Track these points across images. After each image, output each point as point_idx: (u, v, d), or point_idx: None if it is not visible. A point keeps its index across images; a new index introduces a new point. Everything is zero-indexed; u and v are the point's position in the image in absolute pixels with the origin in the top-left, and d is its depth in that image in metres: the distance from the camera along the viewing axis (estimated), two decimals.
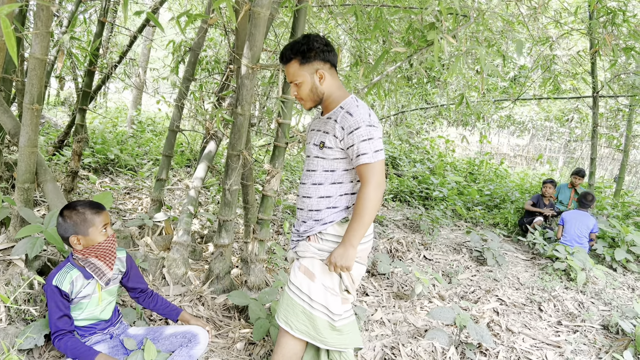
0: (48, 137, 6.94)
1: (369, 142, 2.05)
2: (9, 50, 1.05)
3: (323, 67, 2.17)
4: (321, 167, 2.22)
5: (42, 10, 2.51)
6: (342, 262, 2.08)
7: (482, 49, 3.39)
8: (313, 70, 2.16)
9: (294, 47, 2.16)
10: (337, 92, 2.22)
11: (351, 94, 2.22)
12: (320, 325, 2.20)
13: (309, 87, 2.19)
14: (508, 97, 10.14)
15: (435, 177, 9.41)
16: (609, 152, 17.18)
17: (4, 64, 2.88)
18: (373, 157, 2.05)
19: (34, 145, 2.88)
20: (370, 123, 2.07)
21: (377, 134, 2.08)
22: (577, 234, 5.61)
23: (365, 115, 2.08)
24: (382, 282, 4.41)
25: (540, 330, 3.81)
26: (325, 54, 2.16)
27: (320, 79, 2.17)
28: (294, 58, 2.16)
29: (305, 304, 2.20)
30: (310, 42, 2.13)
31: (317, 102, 2.24)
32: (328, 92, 2.21)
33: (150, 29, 10.39)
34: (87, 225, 2.18)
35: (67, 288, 2.17)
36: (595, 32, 6.33)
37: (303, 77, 2.17)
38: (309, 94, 2.21)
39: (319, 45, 2.14)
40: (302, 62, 2.15)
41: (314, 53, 2.14)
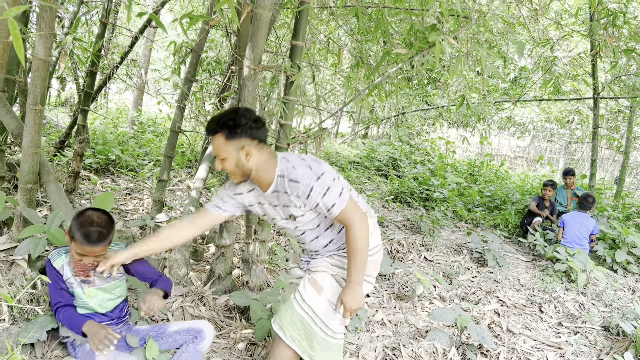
0: (49, 138, 6.96)
1: (329, 193, 2.01)
2: (16, 52, 1.06)
3: (250, 144, 2.05)
4: (309, 227, 2.22)
5: (45, 12, 2.52)
6: (354, 305, 2.09)
7: (482, 51, 3.40)
8: (239, 147, 2.04)
9: (221, 120, 2.05)
10: (267, 164, 2.10)
11: (279, 156, 2.13)
12: (316, 341, 2.19)
13: (234, 162, 2.07)
14: (509, 99, 10.15)
15: (436, 178, 9.42)
16: (610, 154, 17.18)
17: (7, 65, 2.89)
18: (340, 203, 2.03)
19: (37, 145, 2.89)
20: (317, 174, 2.01)
21: (329, 178, 2.02)
22: (578, 235, 5.61)
23: (307, 171, 2.02)
24: (382, 283, 4.42)
25: (541, 332, 3.82)
26: (253, 130, 2.04)
27: (246, 155, 2.05)
28: (220, 132, 2.05)
29: (306, 315, 2.18)
30: (237, 118, 2.02)
31: (245, 176, 2.13)
32: (256, 168, 2.09)
33: (151, 30, 10.41)
34: (72, 237, 2.19)
35: (58, 265, 2.26)
36: (596, 34, 6.34)
37: (228, 152, 2.05)
38: (235, 169, 2.09)
39: (247, 122, 2.03)
40: (227, 137, 2.03)
41: (240, 129, 2.02)
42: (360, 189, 9.38)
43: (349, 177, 9.75)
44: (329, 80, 11.67)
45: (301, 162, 2.06)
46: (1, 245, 2.92)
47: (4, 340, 2.21)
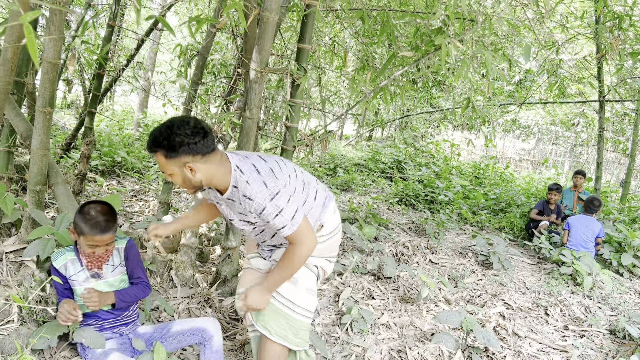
0: (55, 140, 7.00)
1: (281, 216, 1.96)
2: (31, 56, 1.08)
3: (192, 160, 1.92)
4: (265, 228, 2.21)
5: (55, 15, 2.54)
6: (255, 305, 2.15)
7: (488, 53, 3.41)
8: (181, 164, 1.93)
9: (156, 140, 1.92)
10: (219, 171, 2.01)
11: (232, 164, 2.01)
12: (300, 328, 2.22)
13: (180, 179, 1.99)
14: (514, 101, 10.14)
15: (441, 180, 9.41)
16: (615, 157, 17.13)
17: (17, 68, 2.91)
18: (291, 226, 1.98)
19: (45, 147, 2.91)
20: (272, 194, 1.94)
21: (283, 200, 1.96)
22: (583, 238, 5.60)
23: (262, 189, 1.94)
24: (388, 285, 4.42)
25: (547, 335, 3.81)
26: (192, 146, 1.89)
27: (190, 171, 1.94)
28: (158, 151, 1.93)
29: (287, 309, 2.20)
30: (171, 137, 1.88)
31: (197, 188, 2.06)
32: (206, 179, 2.00)
33: (157, 32, 10.47)
34: (80, 232, 2.24)
35: (59, 266, 2.28)
36: (601, 37, 6.33)
37: (172, 170, 1.96)
38: (183, 184, 2.01)
39: (182, 139, 1.88)
40: (167, 157, 1.92)
41: (177, 147, 1.89)
42: (364, 192, 9.39)
43: (354, 180, 9.75)
44: (334, 82, 11.69)
45: (256, 176, 1.96)
46: (10, 247, 2.94)
47: (14, 340, 2.22)
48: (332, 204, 2.34)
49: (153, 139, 1.93)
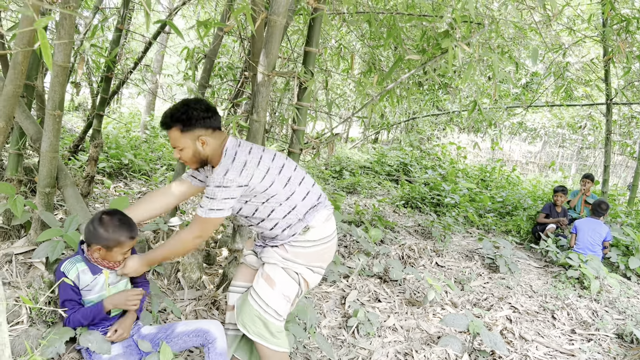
0: (63, 142, 7.04)
1: (210, 201, 2.12)
2: (44, 59, 1.10)
3: (205, 133, 2.18)
4: (246, 213, 2.32)
5: (65, 20, 2.57)
6: (129, 272, 2.33)
7: (494, 56, 3.41)
8: (195, 137, 2.17)
9: (174, 115, 2.16)
10: (217, 151, 2.24)
11: (224, 147, 2.24)
12: (274, 329, 2.31)
13: (191, 152, 2.21)
14: (520, 104, 10.12)
15: (447, 183, 9.39)
16: (623, 160, 17.04)
17: (27, 71, 2.95)
18: (205, 213, 2.14)
19: (55, 150, 2.94)
20: (220, 184, 2.10)
21: (220, 194, 2.11)
22: (590, 242, 5.58)
23: (220, 175, 2.10)
24: (394, 288, 4.42)
25: (554, 339, 3.80)
26: (206, 120, 2.17)
27: (202, 144, 2.19)
28: (174, 126, 2.17)
29: (260, 309, 2.28)
30: (189, 111, 2.14)
31: (201, 163, 2.29)
32: (211, 154, 2.24)
33: (164, 35, 10.52)
34: (116, 244, 2.23)
35: (72, 276, 2.25)
36: (608, 40, 6.31)
37: (185, 143, 2.18)
38: (192, 158, 2.23)
39: (199, 113, 2.15)
40: (183, 130, 2.16)
41: (194, 121, 2.14)
42: (370, 194, 9.39)
43: (360, 182, 9.76)
44: (339, 85, 11.71)
45: (228, 163, 2.14)
46: (19, 248, 2.97)
47: (23, 342, 2.24)
48: (326, 212, 2.39)
49: (170, 114, 2.16)
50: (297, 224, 2.31)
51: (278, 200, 2.25)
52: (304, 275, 2.36)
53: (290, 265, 2.32)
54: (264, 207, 2.27)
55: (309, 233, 2.31)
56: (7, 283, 2.66)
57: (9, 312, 2.40)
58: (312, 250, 2.34)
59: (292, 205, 2.28)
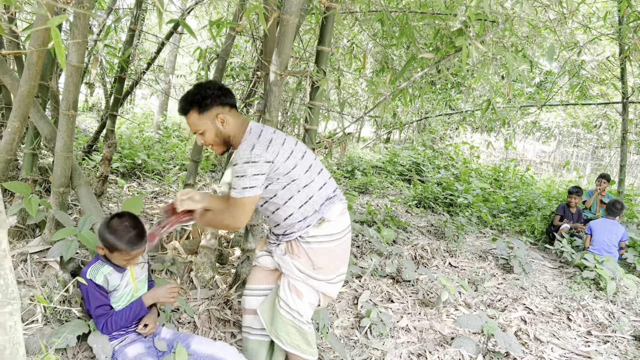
0: (77, 143, 7.11)
1: (240, 179, 2.10)
2: (58, 59, 1.10)
3: (222, 111, 2.19)
4: (263, 200, 2.31)
5: (79, 20, 2.58)
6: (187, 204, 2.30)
7: (509, 55, 3.37)
8: (213, 117, 2.18)
9: (188, 98, 2.18)
10: (242, 129, 2.24)
11: (248, 126, 2.24)
12: (311, 338, 2.34)
13: (213, 133, 2.21)
14: (534, 103, 10.02)
15: (460, 183, 9.33)
16: (639, 159, 16.80)
17: (41, 72, 2.97)
18: (239, 192, 2.12)
19: (69, 150, 2.96)
20: (248, 159, 2.09)
21: (251, 170, 2.09)
22: (607, 242, 5.50)
23: (247, 150, 2.10)
24: (407, 289, 4.39)
25: (570, 340, 3.75)
26: (222, 98, 2.18)
27: (222, 123, 2.19)
28: (191, 109, 2.18)
29: (295, 320, 2.29)
30: (203, 91, 2.15)
31: (226, 145, 2.28)
32: (233, 133, 2.23)
33: (177, 35, 10.57)
34: (115, 249, 2.24)
35: (100, 281, 2.25)
36: (625, 37, 6.22)
37: (205, 125, 2.20)
38: (215, 139, 2.24)
39: (213, 92, 2.16)
40: (200, 112, 2.17)
41: (210, 100, 2.15)
42: (382, 194, 9.35)
43: (372, 182, 9.72)
44: (352, 84, 11.68)
45: (254, 139, 2.14)
46: (34, 248, 2.99)
47: (38, 340, 2.26)
48: (341, 205, 2.38)
49: (185, 99, 2.18)
50: (313, 215, 2.29)
51: (298, 186, 2.23)
52: (323, 290, 2.36)
53: (312, 283, 2.31)
54: (283, 193, 2.25)
55: (323, 226, 2.29)
56: (22, 282, 2.69)
57: (24, 311, 2.42)
58: (327, 246, 2.31)
59: (309, 195, 2.27)
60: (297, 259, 2.30)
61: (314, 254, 2.29)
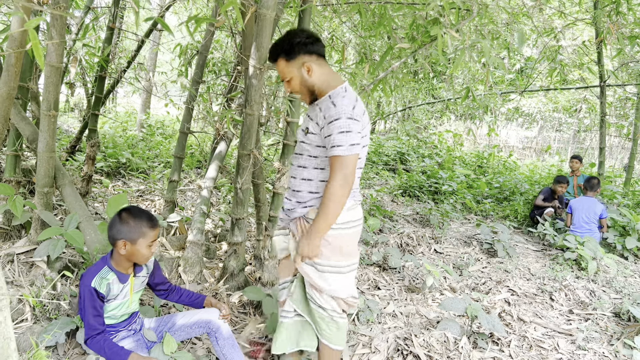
0: (60, 143, 7.07)
1: (346, 135, 2.03)
2: (37, 60, 1.13)
3: (309, 60, 2.19)
4: (306, 152, 2.26)
5: (56, 20, 2.59)
6: (308, 253, 2.18)
7: (486, 42, 3.43)
8: (300, 65, 2.19)
9: (277, 46, 2.21)
10: (328, 82, 2.21)
11: (343, 83, 2.21)
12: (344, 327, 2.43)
13: (298, 81, 2.22)
14: (515, 90, 10.14)
15: (444, 171, 9.43)
16: (619, 141, 17.08)
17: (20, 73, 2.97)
18: (348, 150, 2.03)
19: (51, 150, 2.97)
20: (352, 116, 2.05)
21: (356, 127, 2.06)
22: (585, 220, 5.62)
23: (349, 107, 2.07)
24: (393, 275, 4.46)
25: (552, 319, 3.85)
26: (309, 46, 2.18)
27: (308, 71, 2.19)
28: (279, 56, 2.21)
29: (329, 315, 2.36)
30: (291, 38, 2.17)
31: (311, 94, 2.25)
32: (319, 83, 2.21)
33: (157, 33, 10.51)
34: (140, 235, 2.21)
35: (104, 290, 2.20)
36: (599, 22, 6.33)
37: (291, 72, 2.21)
38: (301, 87, 2.24)
39: (301, 39, 2.17)
40: (287, 59, 2.19)
41: (297, 48, 2.17)
42: (368, 184, 9.42)
43: None
44: None
45: (351, 101, 2.11)
46: (20, 248, 3.01)
47: (28, 338, 2.29)
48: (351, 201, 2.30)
49: (274, 47, 2.22)
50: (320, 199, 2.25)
51: None
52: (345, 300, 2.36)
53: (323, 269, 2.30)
54: (322, 161, 2.24)
55: None
56: (9, 282, 2.70)
57: (12, 311, 2.44)
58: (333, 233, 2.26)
59: None
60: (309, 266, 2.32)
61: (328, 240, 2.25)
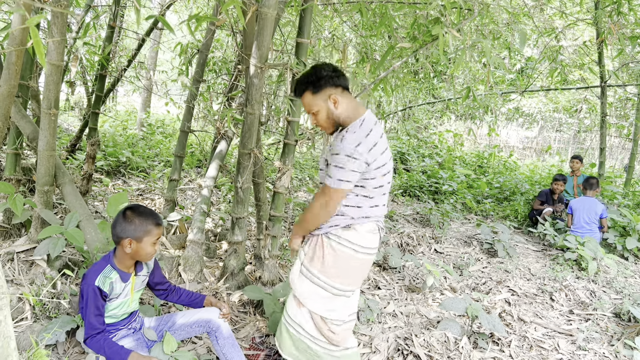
0: (60, 142, 7.06)
1: (339, 170, 2.14)
2: (38, 58, 1.12)
3: (335, 92, 2.25)
4: None
5: (57, 18, 2.58)
6: (291, 245, 2.50)
7: (487, 42, 3.42)
8: (326, 97, 2.25)
9: (304, 79, 2.27)
10: (351, 113, 2.27)
11: (363, 115, 2.27)
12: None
13: (325, 113, 2.28)
14: (515, 90, 10.13)
15: (445, 171, 9.43)
16: (619, 142, 17.08)
17: (20, 71, 2.96)
18: (335, 183, 2.16)
19: (52, 148, 2.96)
20: (351, 154, 2.11)
21: (350, 165, 2.13)
22: (586, 220, 5.62)
23: (353, 144, 2.12)
24: (393, 275, 4.46)
25: (552, 320, 3.85)
26: (335, 79, 2.25)
27: (334, 103, 2.24)
28: (306, 90, 2.27)
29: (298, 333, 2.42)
30: (318, 72, 2.24)
31: (335, 125, 2.32)
32: (344, 115, 2.27)
33: (158, 31, 10.50)
34: (145, 233, 2.21)
35: (107, 289, 2.20)
36: (600, 22, 6.32)
37: (318, 105, 2.27)
38: (327, 120, 2.29)
39: (327, 73, 2.23)
40: (314, 92, 2.26)
41: (323, 81, 2.23)
42: None
43: None
44: None
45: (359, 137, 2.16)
46: (20, 247, 3.00)
47: (28, 336, 2.28)
48: (373, 225, 2.36)
49: (300, 80, 2.30)
50: (347, 219, 2.30)
51: (362, 191, 2.27)
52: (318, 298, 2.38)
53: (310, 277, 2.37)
54: None
55: (350, 232, 2.31)
56: (9, 281, 2.70)
57: (12, 309, 2.44)
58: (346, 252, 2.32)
59: (361, 204, 2.29)
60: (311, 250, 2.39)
61: (329, 252, 2.32)
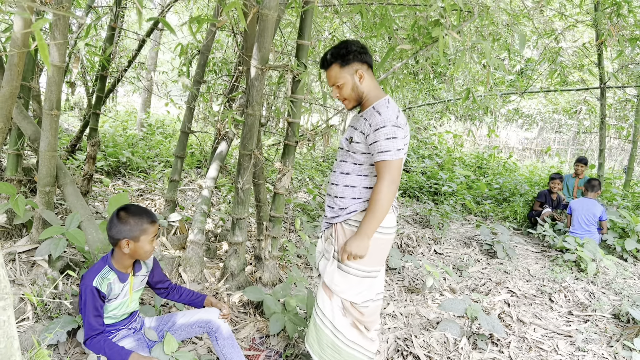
0: (61, 142, 7.07)
1: (392, 141, 2.16)
2: (42, 60, 1.13)
3: (361, 68, 2.31)
4: (350, 160, 2.36)
5: (59, 20, 2.60)
6: (356, 252, 2.23)
7: (487, 44, 3.44)
8: (353, 71, 2.31)
9: (333, 52, 2.32)
10: (374, 92, 2.34)
11: (386, 96, 2.33)
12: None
13: (350, 87, 2.33)
14: (515, 91, 10.15)
15: (444, 172, 9.44)
16: (618, 143, 17.10)
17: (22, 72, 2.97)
18: (394, 154, 2.16)
19: (53, 149, 2.97)
20: (396, 124, 2.18)
21: (400, 134, 2.18)
22: (585, 221, 5.63)
23: (393, 115, 2.19)
24: (393, 276, 4.47)
25: (551, 321, 3.86)
26: (362, 55, 2.31)
27: (360, 78, 2.31)
28: (334, 62, 2.32)
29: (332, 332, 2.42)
30: (348, 46, 2.29)
31: (358, 101, 2.38)
32: (367, 92, 2.34)
33: (158, 32, 10.51)
34: (141, 232, 2.22)
35: (105, 290, 2.20)
36: (600, 24, 6.34)
37: (344, 78, 2.32)
38: (351, 93, 2.34)
39: (356, 48, 2.29)
40: (342, 65, 2.31)
41: (352, 55, 2.28)
42: None
43: None
44: None
45: (394, 111, 2.23)
46: (22, 247, 3.01)
47: (30, 336, 2.29)
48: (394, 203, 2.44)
49: (330, 52, 2.33)
50: (365, 202, 2.34)
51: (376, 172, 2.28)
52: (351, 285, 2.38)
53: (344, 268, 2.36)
54: (366, 168, 2.33)
55: None
56: (11, 281, 2.71)
57: (14, 309, 2.45)
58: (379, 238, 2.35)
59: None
60: (336, 242, 2.38)
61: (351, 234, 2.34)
